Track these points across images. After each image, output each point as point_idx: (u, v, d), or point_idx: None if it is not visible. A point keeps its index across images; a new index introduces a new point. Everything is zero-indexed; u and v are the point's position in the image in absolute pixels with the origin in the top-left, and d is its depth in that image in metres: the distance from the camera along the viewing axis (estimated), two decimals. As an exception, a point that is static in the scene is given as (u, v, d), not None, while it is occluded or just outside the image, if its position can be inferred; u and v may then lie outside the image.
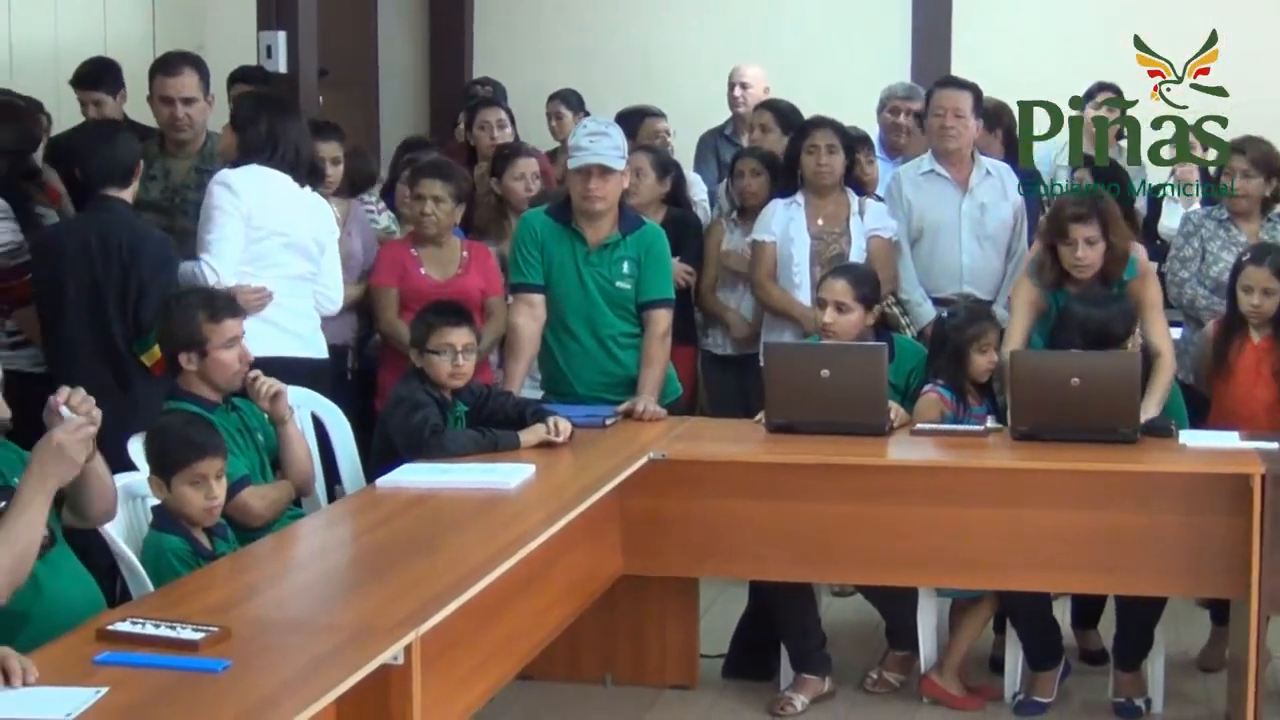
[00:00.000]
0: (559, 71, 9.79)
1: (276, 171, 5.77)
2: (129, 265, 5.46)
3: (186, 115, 6.13)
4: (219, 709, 3.15)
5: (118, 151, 5.56)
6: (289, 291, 5.74)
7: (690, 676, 5.75)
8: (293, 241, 5.79)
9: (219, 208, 5.65)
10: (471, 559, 4.17)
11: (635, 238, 5.96)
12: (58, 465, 3.68)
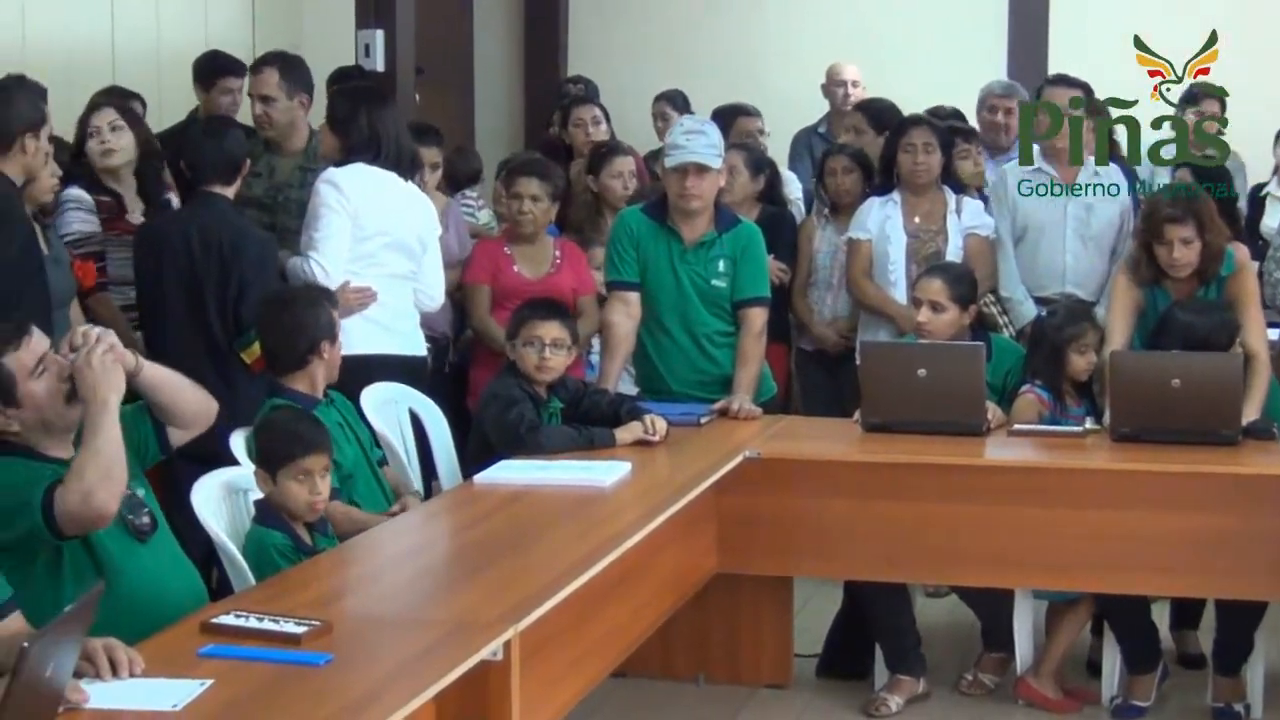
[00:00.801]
0: (652, 69, 9.82)
1: (380, 170, 5.80)
2: (230, 262, 5.51)
3: (265, 114, 6.20)
4: (321, 703, 3.19)
5: (224, 148, 5.60)
6: (391, 290, 5.79)
7: (784, 675, 5.74)
8: (396, 241, 5.83)
9: (327, 206, 5.70)
10: (568, 556, 4.20)
11: (731, 236, 5.96)
12: (100, 383, 3.76)
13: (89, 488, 3.65)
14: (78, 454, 3.72)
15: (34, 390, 3.81)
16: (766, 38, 10.68)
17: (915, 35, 10.47)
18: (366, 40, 7.91)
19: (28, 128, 5.03)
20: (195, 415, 4.18)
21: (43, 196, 5.40)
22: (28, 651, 2.73)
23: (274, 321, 4.97)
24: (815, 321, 7.05)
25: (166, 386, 4.12)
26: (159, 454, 4.19)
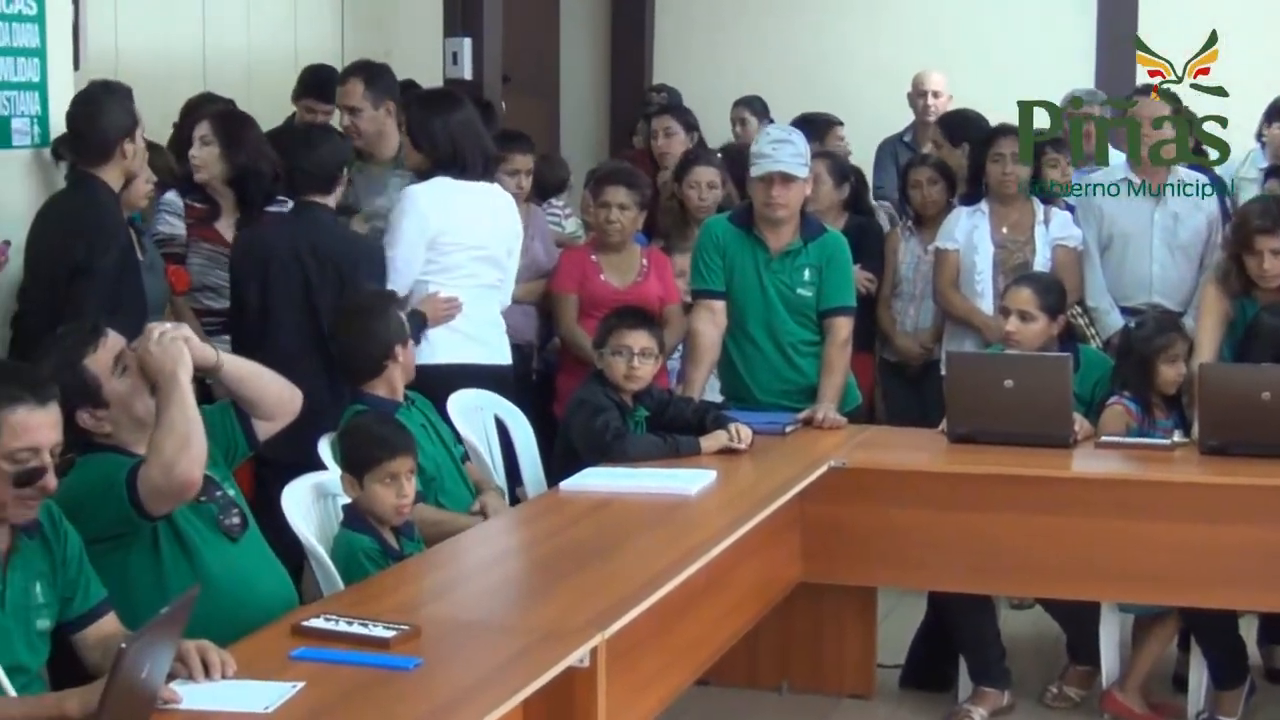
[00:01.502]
0: (737, 78, 9.80)
1: (464, 183, 5.79)
2: (347, 274, 5.46)
3: (353, 124, 6.22)
4: (411, 706, 3.22)
5: (325, 158, 5.58)
6: (477, 300, 5.79)
7: (867, 686, 5.73)
8: (485, 254, 5.83)
9: (402, 224, 5.73)
10: (655, 563, 4.21)
11: (817, 245, 5.96)
12: (164, 359, 3.82)
13: (168, 460, 3.70)
14: (156, 426, 3.77)
15: (118, 389, 3.89)
16: (851, 46, 10.65)
17: (1001, 41, 10.41)
18: (454, 48, 7.97)
19: (124, 134, 5.10)
20: (279, 405, 4.24)
21: (139, 202, 5.46)
22: (126, 652, 2.77)
23: (346, 334, 5.01)
24: (898, 333, 7.03)
25: (249, 378, 4.18)
26: (247, 450, 4.25)
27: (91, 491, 3.72)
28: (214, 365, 4.09)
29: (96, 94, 5.20)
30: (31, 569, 3.47)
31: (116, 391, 3.89)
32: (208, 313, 5.73)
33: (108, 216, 5.04)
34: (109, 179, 5.09)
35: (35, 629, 3.46)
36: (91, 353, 3.89)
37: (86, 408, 3.82)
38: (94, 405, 3.85)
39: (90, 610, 3.56)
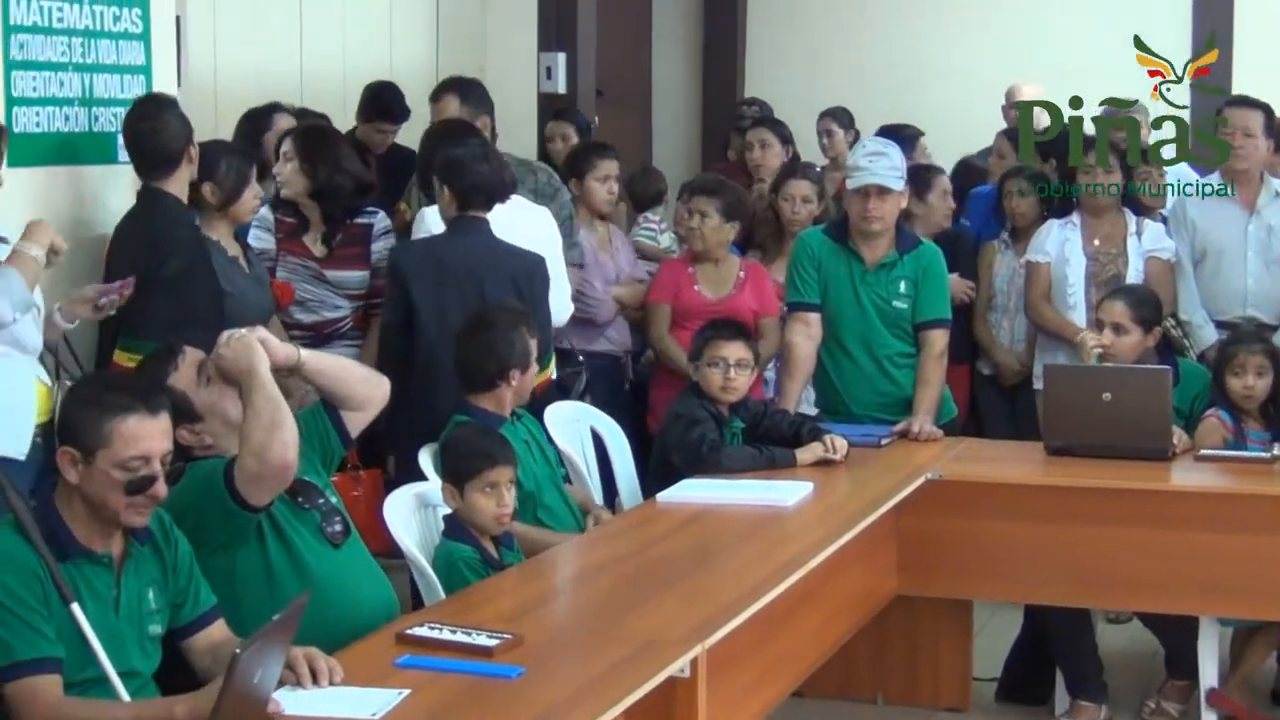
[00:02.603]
0: (829, 90, 9.78)
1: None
2: (524, 288, 5.44)
3: None
4: (515, 715, 3.26)
5: (488, 175, 5.52)
6: None
7: (963, 698, 5.70)
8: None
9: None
10: (753, 575, 4.23)
11: (913, 257, 5.95)
12: (239, 356, 3.88)
13: (259, 446, 3.75)
14: (244, 420, 3.81)
15: (206, 399, 3.96)
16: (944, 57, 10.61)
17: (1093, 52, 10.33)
18: (549, 63, 8.02)
19: (186, 142, 5.10)
20: (368, 396, 4.28)
21: (244, 216, 5.48)
22: (239, 659, 2.81)
23: (470, 340, 5.03)
24: (997, 347, 7.00)
25: (333, 370, 4.24)
26: (342, 449, 4.30)
27: (195, 494, 3.78)
28: (295, 363, 4.12)
29: (151, 109, 5.21)
30: (144, 576, 3.53)
31: (205, 402, 3.96)
32: (296, 326, 5.76)
33: (172, 228, 5.04)
34: (174, 190, 5.11)
35: (148, 635, 3.52)
36: (173, 371, 3.97)
37: (183, 425, 3.85)
38: (188, 420, 3.90)
39: (200, 616, 3.62)
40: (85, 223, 5.29)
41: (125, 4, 5.40)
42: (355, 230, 5.89)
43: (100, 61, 5.32)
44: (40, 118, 5.12)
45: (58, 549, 3.37)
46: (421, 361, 5.35)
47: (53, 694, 3.26)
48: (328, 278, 5.78)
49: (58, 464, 3.45)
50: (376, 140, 7.23)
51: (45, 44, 5.11)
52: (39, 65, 5.09)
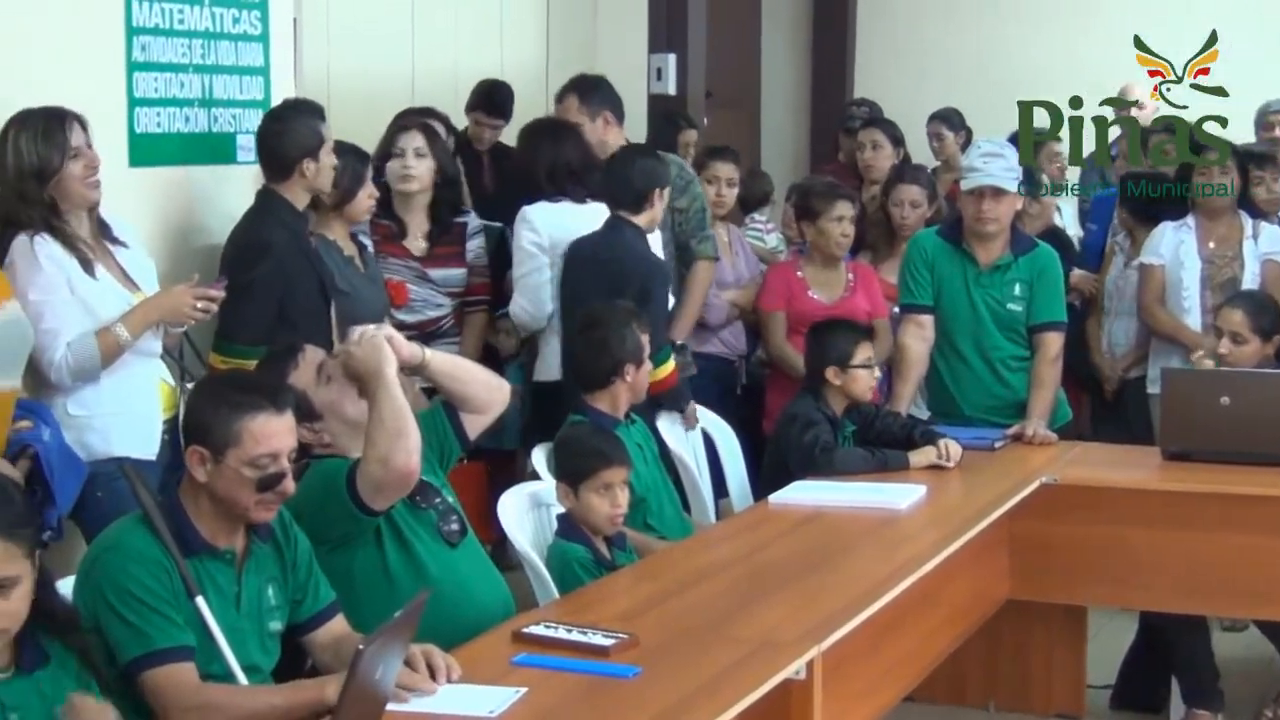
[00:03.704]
0: (938, 91, 9.73)
1: (567, 204, 5.79)
2: (647, 287, 5.56)
3: None
4: (631, 715, 3.26)
5: (638, 177, 5.65)
6: None
7: (1077, 706, 5.65)
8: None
9: (522, 247, 5.76)
10: (868, 578, 4.22)
11: (1028, 259, 5.90)
12: (368, 357, 3.89)
13: (384, 453, 3.77)
14: (369, 424, 3.84)
15: (326, 398, 3.99)
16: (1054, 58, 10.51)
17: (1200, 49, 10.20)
18: (659, 64, 8.02)
19: (304, 153, 5.10)
20: (489, 399, 4.30)
21: (359, 216, 5.53)
22: (362, 654, 2.83)
23: (583, 339, 5.06)
24: (1097, 350, 6.93)
25: (456, 371, 4.26)
26: (459, 450, 4.31)
27: (316, 494, 3.81)
28: (420, 362, 4.15)
29: (282, 112, 5.27)
30: (264, 573, 3.57)
31: (324, 400, 3.99)
32: (400, 326, 5.77)
33: (269, 231, 5.06)
34: (291, 196, 5.13)
35: (268, 631, 3.56)
36: (293, 370, 4.00)
37: (302, 423, 3.88)
38: (308, 419, 3.93)
39: (320, 612, 3.66)
40: (202, 223, 5.36)
41: (245, 6, 5.47)
42: (456, 229, 5.95)
43: (220, 63, 5.39)
44: (161, 118, 5.19)
45: (183, 544, 3.41)
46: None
47: (192, 680, 3.31)
48: (431, 277, 5.82)
49: (186, 462, 3.49)
50: (481, 135, 7.25)
51: (166, 45, 5.18)
52: (160, 66, 5.16)
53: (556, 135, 5.95)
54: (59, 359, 4.36)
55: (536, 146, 5.91)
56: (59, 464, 4.22)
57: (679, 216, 6.29)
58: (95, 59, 4.94)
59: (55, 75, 4.65)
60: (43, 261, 4.37)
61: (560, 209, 5.77)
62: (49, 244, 4.40)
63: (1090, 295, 6.82)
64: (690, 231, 6.32)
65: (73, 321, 4.38)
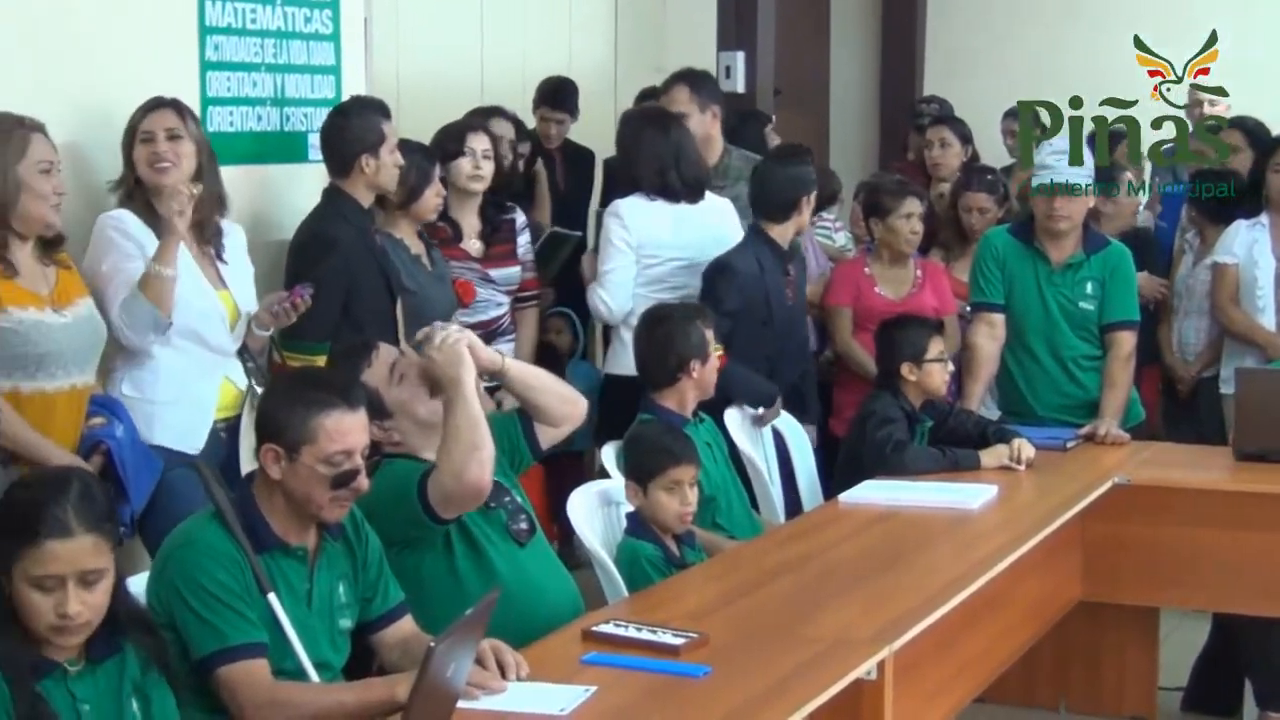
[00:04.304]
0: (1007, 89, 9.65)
1: (661, 203, 5.75)
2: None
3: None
4: (702, 714, 3.24)
5: (784, 184, 5.82)
6: None
7: (1148, 707, 5.60)
8: (690, 263, 5.77)
9: (609, 240, 5.73)
10: (940, 578, 4.19)
11: (1100, 258, 5.85)
12: (447, 364, 3.87)
13: (458, 466, 3.77)
14: (443, 434, 3.84)
15: (398, 396, 3.98)
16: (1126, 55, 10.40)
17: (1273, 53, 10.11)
18: (728, 62, 8.00)
19: (363, 149, 5.10)
20: (564, 413, 4.28)
21: (426, 214, 5.53)
22: (434, 652, 2.83)
23: (648, 337, 5.05)
24: (1169, 350, 6.86)
25: (535, 383, 4.24)
26: (531, 459, 4.30)
27: (387, 497, 3.81)
28: (499, 369, 4.16)
29: (345, 108, 5.28)
30: (336, 571, 3.58)
31: (396, 399, 3.98)
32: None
33: (332, 228, 5.07)
34: (355, 193, 5.14)
35: (339, 628, 3.57)
36: (367, 367, 3.99)
37: (373, 421, 3.89)
38: (379, 416, 3.92)
39: (389, 612, 3.66)
40: (274, 220, 5.38)
41: (316, 6, 5.49)
42: (505, 227, 5.96)
43: (291, 62, 5.41)
44: (234, 117, 5.21)
45: (255, 541, 3.42)
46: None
47: (265, 677, 3.32)
48: (492, 277, 5.82)
49: (258, 458, 3.50)
50: (548, 131, 7.25)
51: (239, 45, 5.21)
52: (233, 66, 5.19)
53: (663, 125, 5.92)
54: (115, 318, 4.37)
55: (640, 134, 5.87)
56: (132, 460, 4.24)
57: None
58: (169, 59, 4.97)
59: (130, 75, 4.67)
60: (115, 236, 4.43)
61: (653, 208, 5.74)
62: (128, 221, 4.45)
63: (1160, 298, 6.74)
64: None
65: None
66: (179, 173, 4.51)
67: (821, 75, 10.72)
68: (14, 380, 4.03)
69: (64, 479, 3.07)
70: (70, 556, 2.96)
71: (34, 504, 3.00)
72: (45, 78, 4.51)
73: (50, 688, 2.99)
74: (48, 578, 2.96)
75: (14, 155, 4.05)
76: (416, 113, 6.62)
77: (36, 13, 4.53)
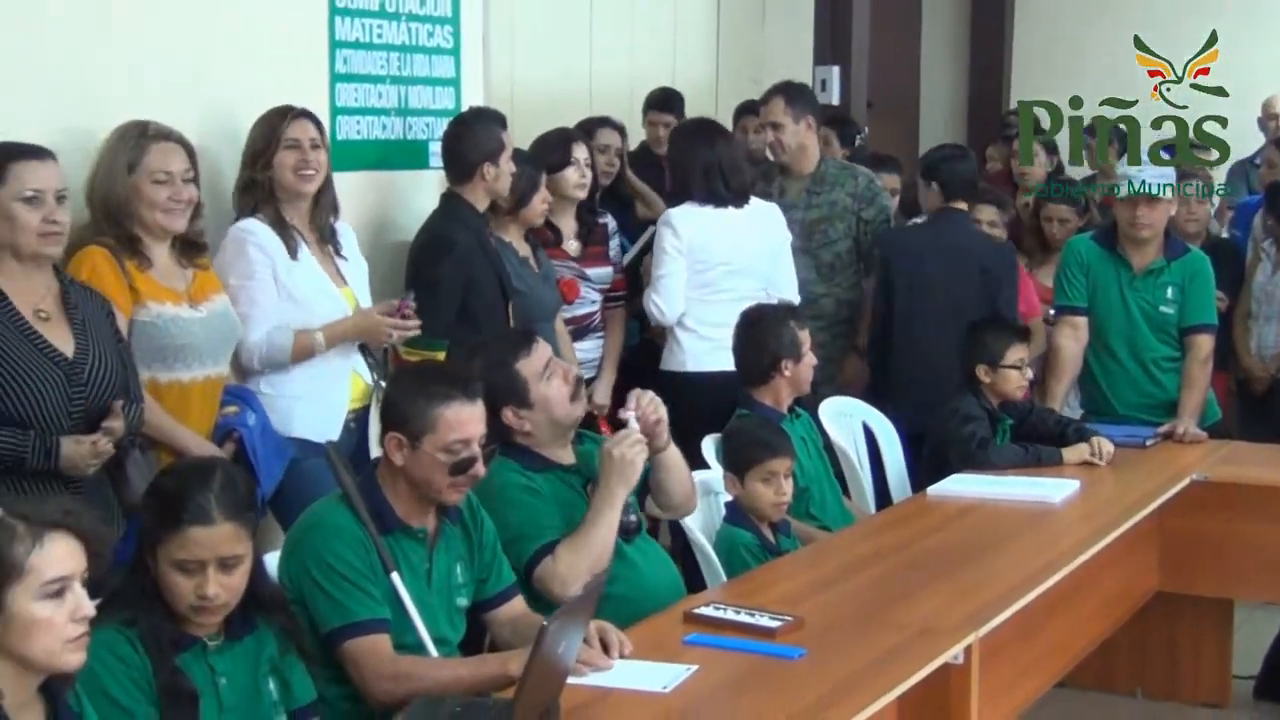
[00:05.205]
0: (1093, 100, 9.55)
1: (709, 208, 5.68)
2: (992, 270, 5.90)
3: (776, 139, 6.21)
4: (797, 694, 3.23)
5: (967, 171, 6.12)
6: (731, 312, 5.36)
7: (1222, 695, 5.52)
8: (738, 267, 5.70)
9: (662, 248, 5.67)
10: (1023, 568, 4.15)
11: (1180, 264, 5.79)
12: (621, 474, 3.86)
13: (572, 575, 3.74)
14: (579, 532, 3.81)
15: (544, 392, 3.96)
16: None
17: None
18: (823, 76, 7.96)
19: (484, 157, 5.11)
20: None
21: (534, 219, 5.54)
22: (547, 630, 2.84)
23: (743, 337, 5.04)
24: (1244, 353, 6.76)
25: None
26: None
27: (502, 532, 3.75)
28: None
29: (468, 118, 5.29)
30: (453, 552, 3.60)
31: (541, 395, 3.96)
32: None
33: (452, 230, 5.08)
34: (472, 198, 5.15)
35: (456, 606, 3.59)
36: (525, 357, 3.96)
37: (512, 406, 3.91)
38: (520, 405, 3.93)
39: (502, 592, 3.68)
40: (396, 223, 5.42)
41: (438, 22, 5.53)
42: (599, 230, 5.97)
43: (414, 75, 5.45)
44: (360, 126, 5.26)
45: (380, 523, 3.45)
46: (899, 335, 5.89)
47: (388, 651, 3.35)
48: (589, 275, 5.83)
49: (383, 446, 3.53)
50: (657, 135, 7.26)
51: (366, 59, 5.25)
52: (360, 78, 5.24)
53: (708, 135, 5.89)
54: (253, 341, 4.41)
55: (689, 147, 5.85)
56: (263, 447, 4.28)
57: (864, 226, 6.23)
58: (302, 71, 5.02)
59: (267, 87, 4.71)
60: (248, 249, 4.44)
61: (703, 213, 5.70)
62: (260, 231, 4.45)
63: (1224, 308, 6.65)
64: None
65: (269, 307, 4.44)
66: (319, 180, 4.56)
67: (912, 88, 10.65)
68: (152, 371, 4.07)
69: (209, 469, 3.12)
70: (211, 542, 3.01)
71: (180, 492, 3.04)
72: (181, 88, 4.54)
73: (190, 661, 3.04)
74: (190, 561, 3.00)
75: (130, 163, 4.07)
76: (529, 123, 6.63)
77: (175, 26, 4.57)
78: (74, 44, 4.24)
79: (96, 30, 4.31)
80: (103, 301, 3.90)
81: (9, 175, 3.68)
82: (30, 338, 3.67)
